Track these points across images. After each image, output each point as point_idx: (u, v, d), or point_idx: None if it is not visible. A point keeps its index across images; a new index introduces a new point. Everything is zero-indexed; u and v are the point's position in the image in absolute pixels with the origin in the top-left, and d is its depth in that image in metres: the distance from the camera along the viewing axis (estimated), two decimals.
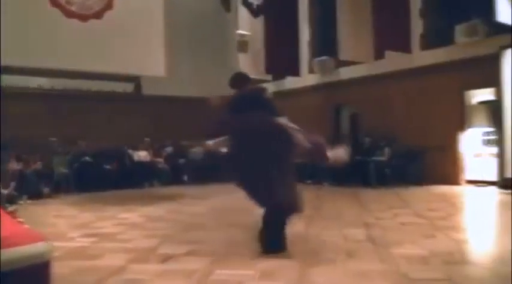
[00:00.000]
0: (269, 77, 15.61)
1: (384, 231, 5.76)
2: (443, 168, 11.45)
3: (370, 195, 10.05)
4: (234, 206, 9.08)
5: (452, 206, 8.74)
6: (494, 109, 10.71)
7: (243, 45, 15.17)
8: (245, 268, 4.09)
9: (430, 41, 12.22)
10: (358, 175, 11.79)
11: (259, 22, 14.40)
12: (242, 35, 15.72)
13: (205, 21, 16.37)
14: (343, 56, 12.47)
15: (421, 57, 12.04)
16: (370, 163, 11.73)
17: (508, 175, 10.02)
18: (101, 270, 4.15)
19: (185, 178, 13.89)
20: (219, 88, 16.99)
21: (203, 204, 9.21)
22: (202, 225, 6.69)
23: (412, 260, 4.29)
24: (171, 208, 8.65)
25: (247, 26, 15.80)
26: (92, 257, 4.68)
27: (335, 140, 12.43)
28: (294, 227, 4.82)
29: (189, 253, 4.74)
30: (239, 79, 5.27)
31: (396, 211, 7.55)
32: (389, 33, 11.69)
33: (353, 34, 12.04)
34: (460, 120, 11.54)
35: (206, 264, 4.27)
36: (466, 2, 11.41)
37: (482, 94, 11.35)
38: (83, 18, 11.86)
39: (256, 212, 4.78)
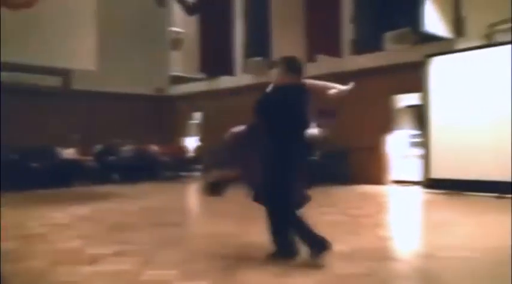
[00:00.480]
0: (203, 76, 15.54)
1: None
2: (371, 168, 11.87)
3: None
4: (165, 205, 9.03)
5: (377, 205, 9.08)
6: (419, 113, 11.20)
7: (176, 42, 15.04)
8: (174, 268, 4.07)
9: (360, 47, 12.61)
10: None
11: (194, 20, 14.31)
12: (176, 33, 15.58)
13: (140, 16, 16.01)
14: (276, 57, 12.60)
15: (351, 62, 12.37)
16: None
17: (431, 175, 10.52)
18: (30, 273, 4.05)
19: (116, 176, 13.59)
20: (152, 85, 16.88)
21: (133, 203, 9.04)
22: (132, 225, 6.58)
23: (336, 257, 4.39)
24: (101, 208, 8.45)
25: (181, 23, 15.67)
26: (21, 259, 4.51)
27: None
28: (224, 227, 4.85)
29: (118, 254, 4.67)
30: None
31: (323, 209, 7.72)
32: (321, 37, 11.94)
33: (286, 36, 12.19)
34: (388, 122, 12.00)
35: (135, 265, 4.23)
36: (396, 10, 11.87)
37: (409, 99, 11.83)
38: (12, 6, 11.27)
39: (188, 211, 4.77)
